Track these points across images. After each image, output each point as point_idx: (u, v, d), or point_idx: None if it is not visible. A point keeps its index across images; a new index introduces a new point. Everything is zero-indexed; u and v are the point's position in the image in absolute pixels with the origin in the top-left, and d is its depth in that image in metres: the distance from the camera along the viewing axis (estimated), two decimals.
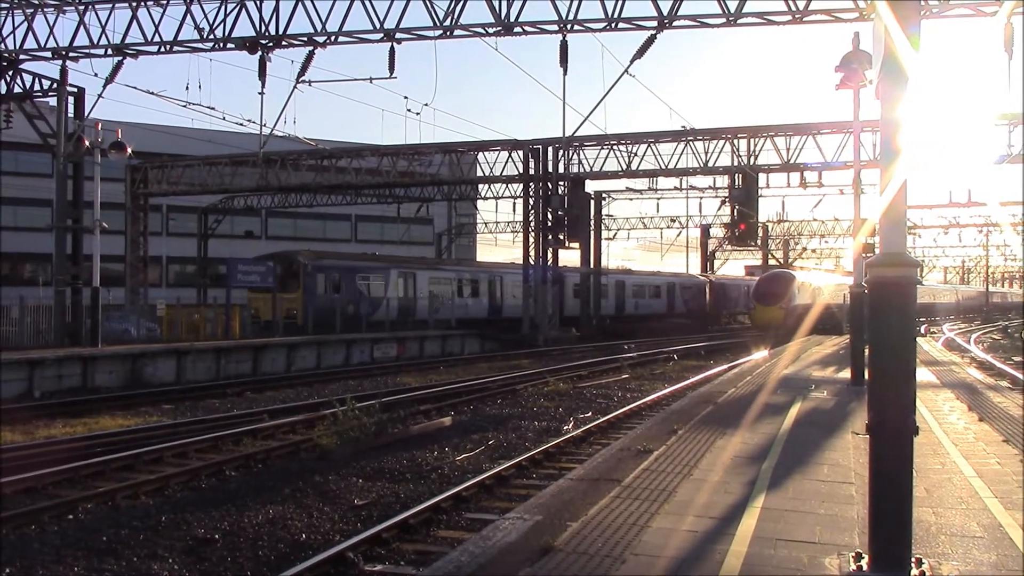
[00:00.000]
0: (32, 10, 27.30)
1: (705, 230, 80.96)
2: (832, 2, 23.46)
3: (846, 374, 18.84)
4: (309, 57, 25.66)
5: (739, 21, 24.01)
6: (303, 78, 25.72)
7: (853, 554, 6.07)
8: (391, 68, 25.23)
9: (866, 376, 6.21)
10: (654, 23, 24.06)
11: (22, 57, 28.24)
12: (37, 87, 29.34)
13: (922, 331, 51.83)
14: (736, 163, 40.97)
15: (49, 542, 9.43)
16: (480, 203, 62.20)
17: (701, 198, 61.30)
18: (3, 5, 27.50)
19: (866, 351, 11.04)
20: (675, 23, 24.13)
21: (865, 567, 5.67)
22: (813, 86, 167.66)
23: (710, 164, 41.63)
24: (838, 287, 50.81)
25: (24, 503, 11.03)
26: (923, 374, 19.92)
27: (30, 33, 27.54)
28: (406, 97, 66.84)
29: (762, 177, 42.92)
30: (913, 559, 5.54)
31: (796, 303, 47.12)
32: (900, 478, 5.22)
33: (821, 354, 27.54)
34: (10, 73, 28.78)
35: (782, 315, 46.02)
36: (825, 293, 51.69)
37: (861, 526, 6.81)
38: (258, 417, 18.08)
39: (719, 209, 64.75)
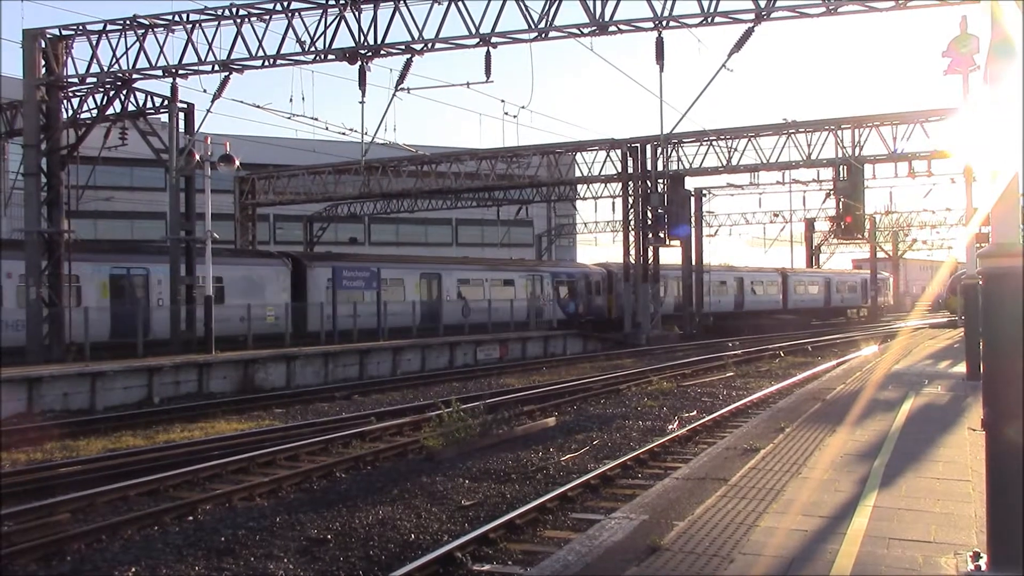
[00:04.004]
0: (143, 31, 28.35)
1: (810, 224, 79.21)
2: None
3: (961, 368, 18.26)
4: (407, 65, 25.95)
5: (840, 10, 23.42)
6: (402, 86, 26.06)
7: (971, 553, 5.92)
8: (487, 72, 25.36)
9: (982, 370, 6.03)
10: (751, 16, 23.60)
11: (135, 76, 29.35)
12: (149, 104, 30.44)
13: None
14: (840, 155, 40.07)
15: (171, 542, 9.80)
16: (579, 203, 62.15)
17: (805, 191, 59.80)
18: (116, 27, 28.61)
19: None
20: (773, 15, 23.64)
21: (984, 567, 5.52)
22: (919, 72, 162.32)
23: (813, 156, 40.84)
24: None
25: (148, 504, 11.50)
26: None
27: (142, 53, 28.60)
28: (503, 100, 67.42)
29: (868, 168, 41.87)
30: None
31: None
32: (1019, 474, 5.04)
33: (934, 348, 26.73)
34: (124, 92, 29.99)
35: None
36: None
37: (979, 524, 6.62)
38: (366, 420, 18.40)
39: (824, 202, 63.05)
